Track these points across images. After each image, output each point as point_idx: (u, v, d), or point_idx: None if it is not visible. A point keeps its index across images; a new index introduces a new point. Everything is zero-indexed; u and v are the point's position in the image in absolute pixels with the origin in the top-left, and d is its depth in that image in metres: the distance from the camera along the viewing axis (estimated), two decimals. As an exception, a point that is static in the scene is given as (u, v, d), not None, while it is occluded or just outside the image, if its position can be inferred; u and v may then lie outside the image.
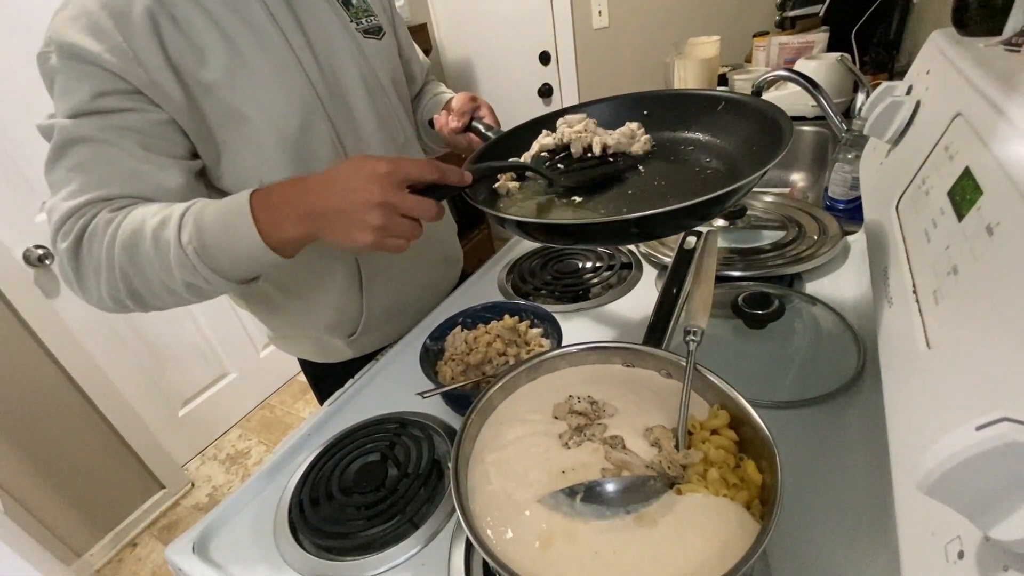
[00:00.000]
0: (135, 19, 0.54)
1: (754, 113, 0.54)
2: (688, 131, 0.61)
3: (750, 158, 0.52)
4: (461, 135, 0.75)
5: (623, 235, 0.54)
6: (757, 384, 0.54)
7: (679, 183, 0.55)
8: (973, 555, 0.20)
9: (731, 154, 0.56)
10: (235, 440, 2.06)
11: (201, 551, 0.51)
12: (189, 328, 1.91)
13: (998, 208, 0.27)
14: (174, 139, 0.58)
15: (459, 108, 0.73)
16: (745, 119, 0.55)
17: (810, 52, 1.31)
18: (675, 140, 0.62)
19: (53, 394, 1.51)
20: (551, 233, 0.52)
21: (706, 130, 0.60)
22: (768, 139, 0.49)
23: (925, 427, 0.28)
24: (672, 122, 0.62)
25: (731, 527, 0.34)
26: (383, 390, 0.70)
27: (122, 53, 0.53)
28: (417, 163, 0.49)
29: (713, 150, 0.58)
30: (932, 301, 0.31)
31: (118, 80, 0.53)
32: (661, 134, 0.62)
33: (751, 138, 0.54)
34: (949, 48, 0.46)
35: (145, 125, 0.56)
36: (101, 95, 0.53)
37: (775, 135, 0.48)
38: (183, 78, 0.57)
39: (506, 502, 0.37)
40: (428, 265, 0.87)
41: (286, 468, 0.60)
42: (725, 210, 0.49)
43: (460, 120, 0.73)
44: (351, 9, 0.72)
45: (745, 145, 0.54)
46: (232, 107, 0.60)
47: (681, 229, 0.53)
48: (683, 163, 0.58)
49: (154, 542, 1.71)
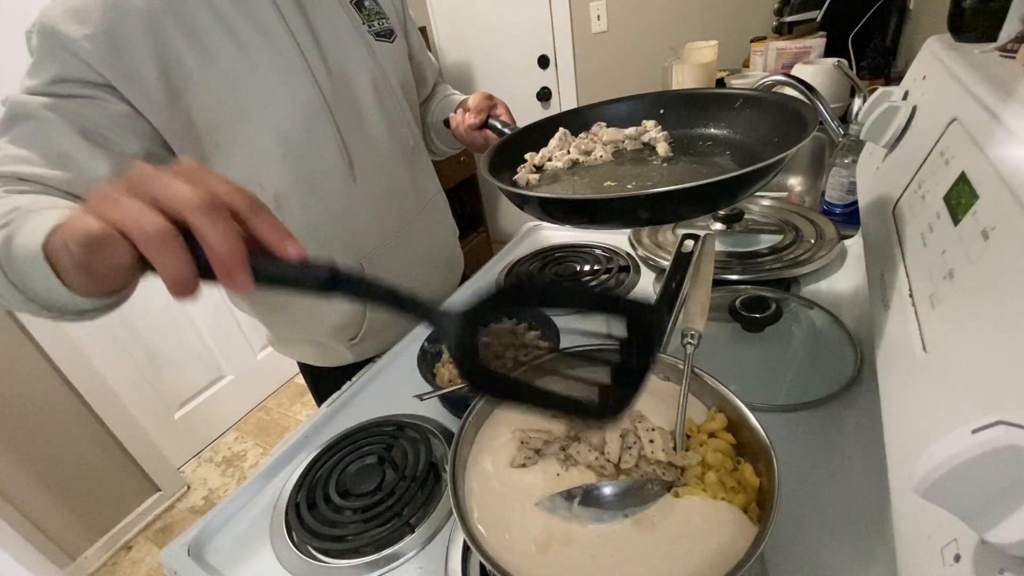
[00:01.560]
0: (131, 11, 0.53)
1: (774, 107, 0.53)
2: (705, 128, 0.61)
3: (771, 149, 0.52)
4: (478, 132, 0.75)
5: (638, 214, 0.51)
6: (754, 387, 0.54)
7: (698, 175, 0.55)
8: (969, 558, 0.20)
9: (751, 148, 0.55)
10: (231, 443, 2.05)
11: (196, 554, 0.51)
12: (186, 330, 1.90)
13: (994, 213, 0.27)
14: (128, 136, 0.57)
15: (476, 106, 0.74)
16: (765, 114, 0.54)
17: (807, 57, 1.31)
18: (693, 137, 0.61)
19: (48, 395, 1.50)
20: (570, 211, 0.50)
21: (724, 127, 0.60)
22: (789, 130, 0.48)
23: (921, 431, 0.28)
24: (689, 120, 0.62)
25: (729, 530, 0.34)
26: (380, 393, 0.70)
27: (101, 42, 0.52)
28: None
29: (732, 145, 0.58)
30: (928, 305, 0.32)
31: (87, 69, 0.52)
32: (678, 131, 0.62)
33: (772, 131, 0.53)
34: (945, 54, 0.46)
35: (98, 116, 0.54)
36: (62, 80, 0.52)
37: (798, 124, 0.47)
38: (171, 77, 0.56)
39: (503, 505, 0.37)
40: (431, 269, 0.87)
41: (283, 470, 0.60)
42: (748, 195, 0.48)
43: (478, 117, 0.74)
44: (363, 12, 0.72)
45: (766, 138, 0.54)
46: (235, 107, 0.60)
47: (698, 213, 0.52)
48: (701, 157, 0.58)
49: (149, 545, 1.70)
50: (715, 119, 0.60)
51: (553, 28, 2.19)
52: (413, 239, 0.81)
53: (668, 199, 0.43)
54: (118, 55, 0.53)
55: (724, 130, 0.60)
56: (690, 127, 0.62)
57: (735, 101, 0.59)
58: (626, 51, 2.12)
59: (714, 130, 0.61)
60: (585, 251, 0.90)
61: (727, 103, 0.59)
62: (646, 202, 0.44)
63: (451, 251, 0.94)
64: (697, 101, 0.62)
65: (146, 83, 0.55)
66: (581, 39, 2.17)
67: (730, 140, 0.59)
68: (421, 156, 0.83)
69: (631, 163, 0.60)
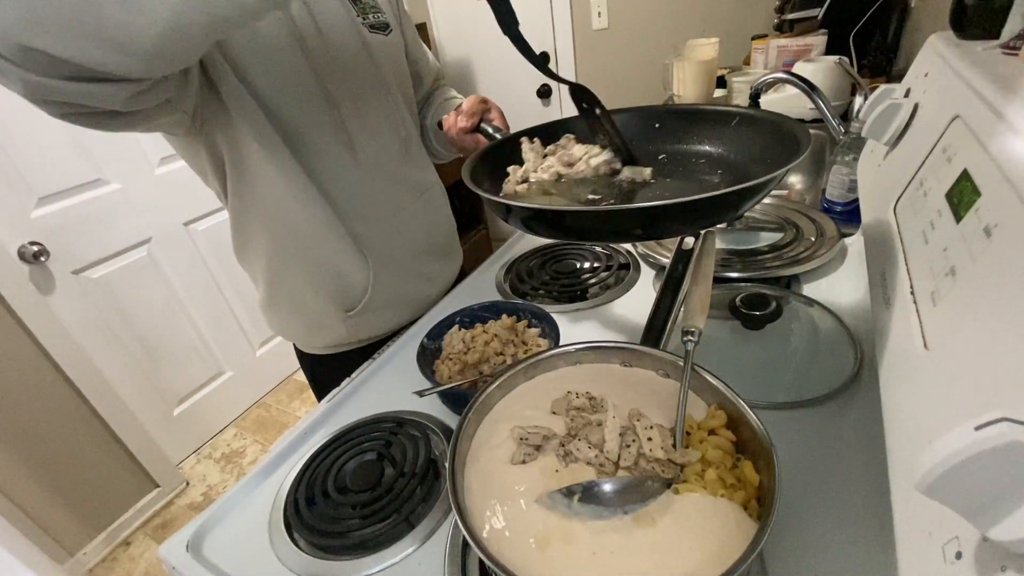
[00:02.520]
0: None
1: (768, 125, 0.53)
2: (699, 144, 0.61)
3: (763, 169, 0.52)
4: (469, 136, 0.76)
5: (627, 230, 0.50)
6: (755, 385, 0.54)
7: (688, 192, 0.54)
8: (971, 556, 0.20)
9: (743, 167, 0.55)
10: (230, 439, 2.05)
11: (195, 550, 0.51)
12: (185, 326, 1.90)
13: (996, 210, 0.27)
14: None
15: (469, 109, 0.74)
16: (759, 133, 0.54)
17: (808, 55, 1.31)
18: (686, 153, 0.61)
19: (47, 391, 1.50)
20: (553, 225, 0.49)
21: (718, 144, 0.59)
22: (782, 150, 0.48)
23: (923, 428, 0.28)
24: (683, 135, 0.61)
25: (728, 527, 0.34)
26: (380, 389, 0.70)
27: None
28: None
29: (724, 163, 0.57)
30: (930, 302, 0.31)
31: None
32: (672, 147, 0.61)
33: (765, 151, 0.52)
34: (947, 51, 0.46)
35: None
36: None
37: (791, 145, 0.47)
38: None
39: (503, 502, 0.37)
40: (432, 253, 0.87)
41: (282, 466, 0.59)
42: (737, 216, 0.47)
43: (469, 120, 0.74)
44: (359, 4, 0.73)
45: (758, 157, 0.53)
46: (241, 90, 0.61)
47: (682, 231, 0.53)
48: (692, 175, 0.57)
49: (148, 541, 1.70)
50: (709, 136, 0.60)
51: (554, 25, 2.18)
52: (410, 224, 0.82)
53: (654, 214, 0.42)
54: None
55: (718, 147, 0.59)
56: (684, 143, 0.62)
57: (731, 119, 0.58)
58: (627, 48, 2.11)
59: (708, 147, 0.60)
60: (585, 248, 0.90)
61: (722, 120, 0.59)
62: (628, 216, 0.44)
63: (448, 240, 0.94)
64: (692, 117, 0.62)
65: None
66: (582, 36, 2.17)
67: (722, 158, 0.58)
68: (415, 150, 0.83)
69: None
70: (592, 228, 0.47)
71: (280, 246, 0.74)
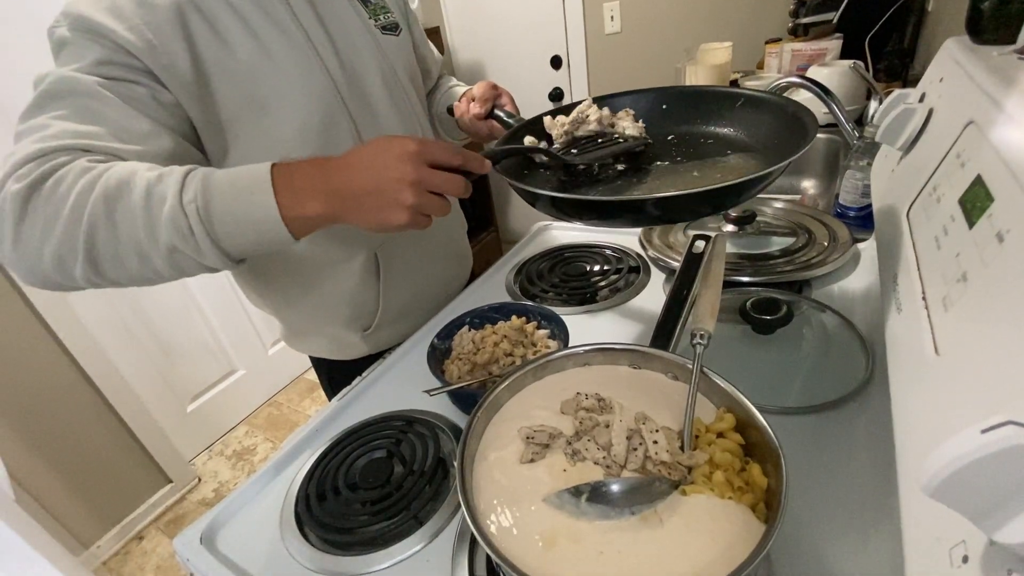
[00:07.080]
0: (160, 7, 0.54)
1: (775, 109, 0.54)
2: (707, 125, 0.61)
3: (772, 152, 0.52)
4: (483, 122, 0.76)
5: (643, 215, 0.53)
6: (764, 389, 0.54)
7: (699, 176, 0.55)
8: (978, 559, 0.20)
9: (752, 148, 0.56)
10: (242, 436, 2.07)
11: (208, 542, 0.52)
12: (198, 325, 1.93)
13: (1009, 216, 0.27)
14: (179, 119, 0.57)
15: (481, 95, 0.75)
16: (766, 115, 0.55)
17: (823, 59, 1.30)
18: (695, 134, 0.61)
19: (65, 386, 1.53)
20: (580, 209, 0.52)
21: (726, 125, 0.60)
22: (789, 135, 0.49)
23: (932, 433, 0.28)
24: (691, 117, 0.62)
25: (736, 528, 0.34)
26: (390, 388, 0.71)
27: (140, 34, 0.53)
28: (442, 146, 0.49)
29: (733, 144, 0.58)
30: (941, 308, 0.31)
31: (130, 57, 0.52)
32: (680, 128, 0.62)
33: (772, 134, 0.53)
34: (963, 56, 0.46)
35: (149, 99, 0.54)
36: (108, 63, 0.52)
37: (798, 130, 0.47)
38: (200, 70, 0.57)
39: (511, 500, 0.38)
40: (442, 259, 0.88)
41: (293, 463, 0.60)
42: (743, 201, 0.49)
43: (483, 106, 0.74)
44: (369, 6, 0.73)
45: (766, 140, 0.54)
46: (255, 99, 0.61)
47: (697, 215, 0.54)
48: (703, 156, 0.58)
49: (160, 536, 1.73)
50: (717, 117, 0.61)
51: (566, 28, 2.19)
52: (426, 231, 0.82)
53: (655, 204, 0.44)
54: (154, 47, 0.54)
55: (726, 128, 0.60)
56: (693, 124, 0.62)
57: (736, 100, 0.59)
58: (639, 52, 2.11)
59: (716, 128, 0.61)
60: (595, 251, 0.91)
61: (728, 102, 0.60)
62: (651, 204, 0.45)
63: (461, 244, 0.94)
64: (700, 98, 0.63)
65: (182, 74, 0.55)
66: (594, 40, 2.17)
67: (731, 139, 0.59)
68: None
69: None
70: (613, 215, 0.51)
71: (293, 281, 0.76)
